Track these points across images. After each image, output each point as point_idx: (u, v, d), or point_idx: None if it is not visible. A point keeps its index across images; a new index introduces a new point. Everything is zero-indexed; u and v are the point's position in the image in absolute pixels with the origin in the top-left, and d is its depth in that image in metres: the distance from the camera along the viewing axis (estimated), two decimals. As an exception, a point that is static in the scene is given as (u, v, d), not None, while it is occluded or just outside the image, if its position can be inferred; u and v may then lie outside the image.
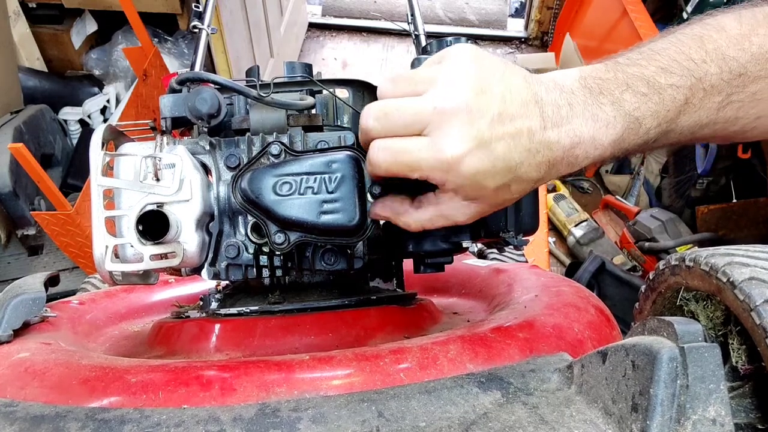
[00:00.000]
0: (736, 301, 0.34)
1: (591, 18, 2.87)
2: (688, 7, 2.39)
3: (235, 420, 0.39)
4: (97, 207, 0.48)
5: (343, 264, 0.58)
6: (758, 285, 0.33)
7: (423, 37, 1.08)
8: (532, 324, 0.54)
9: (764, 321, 0.32)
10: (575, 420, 0.37)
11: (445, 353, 0.48)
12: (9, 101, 2.41)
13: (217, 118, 0.58)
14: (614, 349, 0.37)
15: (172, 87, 0.63)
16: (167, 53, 2.72)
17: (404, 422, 0.38)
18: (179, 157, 0.51)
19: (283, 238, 0.53)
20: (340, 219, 0.53)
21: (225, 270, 0.58)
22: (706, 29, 0.50)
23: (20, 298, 0.56)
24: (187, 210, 0.52)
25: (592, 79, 0.48)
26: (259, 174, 0.53)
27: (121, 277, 0.50)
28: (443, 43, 0.70)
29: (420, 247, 0.59)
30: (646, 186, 2.64)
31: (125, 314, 0.83)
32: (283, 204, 0.52)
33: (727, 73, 0.49)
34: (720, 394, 0.32)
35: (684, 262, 0.39)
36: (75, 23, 2.84)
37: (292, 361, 0.47)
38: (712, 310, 0.38)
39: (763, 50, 0.49)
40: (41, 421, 0.40)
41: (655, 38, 0.51)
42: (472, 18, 3.99)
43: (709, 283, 0.37)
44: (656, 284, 0.43)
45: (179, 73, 0.66)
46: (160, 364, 0.48)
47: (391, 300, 0.66)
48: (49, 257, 2.41)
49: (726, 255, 0.36)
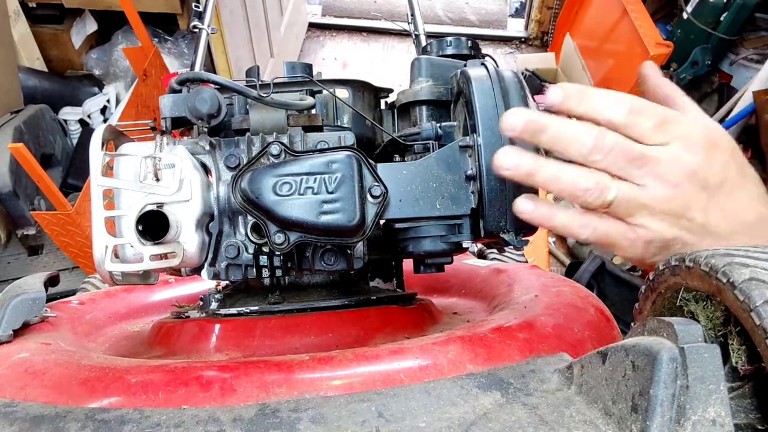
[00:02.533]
0: (736, 302, 0.34)
1: (591, 18, 2.87)
2: (688, 7, 2.39)
3: (235, 420, 0.39)
4: (97, 207, 0.48)
5: (343, 264, 0.58)
6: (758, 286, 0.33)
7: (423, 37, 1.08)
8: (532, 324, 0.54)
9: (764, 321, 0.32)
10: (575, 420, 0.37)
11: (445, 353, 0.48)
12: (9, 101, 2.41)
13: (217, 119, 0.58)
14: (614, 350, 0.37)
15: (172, 87, 0.63)
16: (167, 53, 2.72)
17: (404, 423, 0.38)
18: (179, 158, 0.51)
19: (282, 238, 0.53)
20: (340, 219, 0.53)
21: (225, 270, 0.58)
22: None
23: (20, 298, 0.56)
24: (187, 210, 0.52)
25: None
26: (259, 174, 0.53)
27: (121, 277, 0.50)
28: (443, 43, 0.71)
29: (420, 248, 0.59)
30: (646, 186, 2.63)
31: (125, 314, 0.83)
32: (283, 204, 0.52)
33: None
34: (720, 394, 0.32)
35: (684, 263, 0.39)
36: (75, 23, 2.84)
37: (292, 361, 0.48)
38: (712, 311, 0.38)
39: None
40: (41, 421, 0.40)
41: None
42: (472, 18, 3.99)
43: (709, 283, 0.37)
44: (656, 284, 0.43)
45: (179, 73, 0.66)
46: (160, 364, 0.48)
47: (391, 300, 0.66)
48: (49, 257, 2.41)
49: (726, 255, 0.36)
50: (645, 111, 0.46)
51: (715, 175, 0.46)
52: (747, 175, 0.48)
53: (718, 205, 0.46)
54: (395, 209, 0.55)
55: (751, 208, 0.47)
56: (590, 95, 0.47)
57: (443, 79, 0.66)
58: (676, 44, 2.35)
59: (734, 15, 2.25)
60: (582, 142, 0.46)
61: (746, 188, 0.47)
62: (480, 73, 0.57)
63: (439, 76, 0.66)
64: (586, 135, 0.46)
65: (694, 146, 0.46)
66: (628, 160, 0.45)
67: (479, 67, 0.58)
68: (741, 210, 0.47)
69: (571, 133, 0.46)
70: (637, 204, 0.46)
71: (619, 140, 0.46)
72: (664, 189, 0.46)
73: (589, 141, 0.46)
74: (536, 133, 0.46)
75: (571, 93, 0.47)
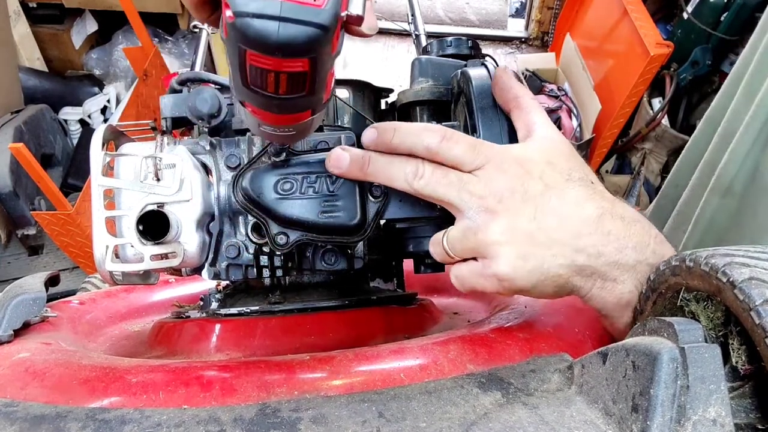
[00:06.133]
0: (736, 302, 0.34)
1: (591, 18, 2.87)
2: (688, 7, 2.38)
3: (236, 420, 0.39)
4: (97, 207, 0.48)
5: (343, 264, 0.58)
6: (758, 285, 0.33)
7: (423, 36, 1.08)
8: (533, 324, 0.54)
9: (764, 321, 0.32)
10: (575, 420, 0.37)
11: (446, 353, 0.48)
12: (9, 101, 2.41)
13: (217, 118, 0.58)
14: (614, 350, 0.37)
15: (172, 87, 0.63)
16: (167, 53, 2.72)
17: (405, 423, 0.38)
18: (180, 158, 0.51)
19: (283, 238, 0.53)
20: (341, 218, 0.53)
21: (225, 270, 0.58)
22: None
23: (20, 298, 0.56)
24: (187, 210, 0.52)
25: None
26: (260, 173, 0.53)
27: (122, 277, 0.50)
28: (444, 43, 0.70)
29: (420, 248, 0.59)
30: (646, 186, 2.64)
31: (125, 314, 0.83)
32: (284, 203, 0.52)
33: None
34: (720, 394, 0.32)
35: (684, 263, 0.39)
36: (75, 23, 2.84)
37: (293, 361, 0.48)
38: (713, 311, 0.38)
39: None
40: (41, 421, 0.40)
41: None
42: (473, 18, 3.99)
43: (709, 283, 0.37)
44: (656, 285, 0.43)
45: (179, 73, 0.66)
46: (161, 364, 0.48)
47: (392, 300, 0.66)
48: (49, 257, 2.41)
49: (726, 255, 0.36)
50: (455, 137, 0.48)
51: (535, 185, 0.47)
52: (573, 179, 0.49)
53: (549, 210, 0.47)
54: (395, 209, 0.55)
55: (588, 205, 0.48)
56: (402, 129, 0.49)
57: (444, 79, 0.66)
58: (676, 44, 2.35)
59: (734, 15, 2.25)
60: (403, 171, 0.49)
61: (576, 189, 0.48)
62: (480, 73, 0.57)
63: (440, 76, 0.66)
64: (407, 164, 0.49)
65: (506, 163, 0.48)
66: (447, 184, 0.48)
67: (480, 67, 0.58)
68: (578, 209, 0.47)
69: (394, 165, 0.50)
70: (472, 233, 0.48)
71: (437, 167, 0.49)
72: (486, 208, 0.48)
73: (409, 169, 0.49)
74: (362, 168, 0.50)
75: (384, 129, 0.50)
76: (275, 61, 0.32)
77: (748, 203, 0.58)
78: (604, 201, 0.48)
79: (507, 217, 0.47)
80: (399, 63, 3.63)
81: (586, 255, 0.47)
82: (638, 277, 0.48)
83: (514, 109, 0.52)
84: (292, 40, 0.31)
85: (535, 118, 0.51)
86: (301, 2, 0.31)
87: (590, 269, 0.48)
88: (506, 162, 0.48)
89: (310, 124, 0.43)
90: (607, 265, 0.48)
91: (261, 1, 0.30)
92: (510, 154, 0.49)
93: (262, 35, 0.31)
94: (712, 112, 0.69)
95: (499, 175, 0.47)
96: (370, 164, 0.50)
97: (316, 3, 0.31)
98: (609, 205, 0.48)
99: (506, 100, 0.53)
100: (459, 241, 0.50)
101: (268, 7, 0.30)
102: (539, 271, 0.47)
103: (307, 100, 0.37)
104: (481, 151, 0.48)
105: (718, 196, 0.61)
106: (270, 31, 0.30)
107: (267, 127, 0.43)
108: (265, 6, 0.30)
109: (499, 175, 0.47)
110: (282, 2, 0.30)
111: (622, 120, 2.61)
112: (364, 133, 0.51)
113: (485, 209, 0.47)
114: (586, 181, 0.49)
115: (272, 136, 0.45)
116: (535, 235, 0.47)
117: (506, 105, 0.53)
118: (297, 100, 0.37)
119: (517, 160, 0.48)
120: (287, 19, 0.30)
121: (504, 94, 0.53)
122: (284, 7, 0.30)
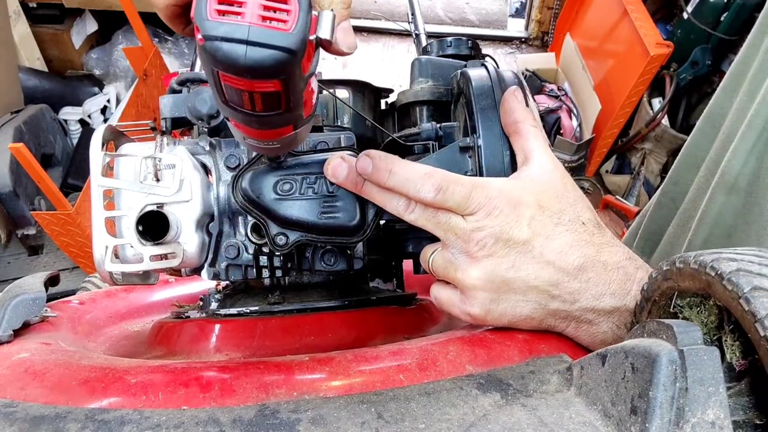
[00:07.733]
0: (725, 292, 0.34)
1: (591, 18, 2.87)
2: (688, 7, 2.38)
3: (235, 421, 0.39)
4: (97, 207, 0.48)
5: (343, 264, 0.58)
6: (746, 275, 0.34)
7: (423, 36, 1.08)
8: (532, 325, 0.54)
9: (752, 306, 0.32)
10: (574, 422, 0.37)
11: (445, 354, 0.48)
12: (9, 101, 2.41)
13: (217, 119, 0.58)
14: (614, 352, 0.38)
15: (172, 87, 0.63)
16: (167, 53, 2.73)
17: (404, 424, 0.38)
18: (179, 158, 0.51)
19: (283, 238, 0.53)
20: (340, 219, 0.53)
21: (225, 270, 0.58)
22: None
23: (20, 298, 0.56)
24: (187, 210, 0.52)
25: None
26: (259, 173, 0.53)
27: (121, 277, 0.50)
28: (444, 43, 0.71)
29: (420, 248, 0.59)
30: (646, 186, 2.64)
31: (125, 314, 0.83)
32: (283, 203, 0.52)
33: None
34: (719, 396, 0.32)
35: (675, 265, 0.40)
36: (75, 23, 2.84)
37: (292, 362, 0.48)
38: (706, 315, 0.39)
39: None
40: (41, 421, 0.40)
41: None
42: (473, 18, 3.99)
43: (699, 280, 0.37)
44: (650, 293, 0.43)
45: (179, 73, 0.66)
46: (160, 364, 0.48)
47: (391, 301, 0.66)
48: (49, 257, 2.41)
49: (714, 253, 0.37)
50: (450, 190, 0.49)
51: (521, 232, 0.48)
52: (562, 222, 0.49)
53: (531, 259, 0.48)
54: (395, 210, 0.55)
55: (572, 253, 0.49)
56: (398, 174, 0.50)
57: (443, 79, 0.66)
58: (676, 44, 2.35)
59: (734, 15, 2.25)
60: (395, 203, 0.51)
61: (562, 236, 0.49)
62: (480, 73, 0.57)
63: (440, 76, 0.66)
64: (399, 199, 0.51)
65: (497, 209, 0.48)
66: (435, 223, 0.50)
67: (479, 67, 0.58)
68: (560, 258, 0.48)
69: (386, 197, 0.51)
70: (453, 268, 0.51)
71: (426, 210, 0.50)
72: (468, 252, 0.49)
73: (401, 204, 0.51)
74: (356, 187, 0.52)
75: (379, 168, 0.50)
76: (246, 82, 0.33)
77: (754, 200, 0.58)
78: (590, 247, 0.49)
79: (486, 264, 0.49)
80: (399, 63, 3.63)
81: (561, 301, 0.49)
82: (615, 321, 0.50)
83: (514, 134, 0.53)
84: (259, 63, 0.31)
85: (533, 145, 0.52)
86: (269, 26, 0.31)
87: (564, 313, 0.50)
88: (498, 208, 0.49)
89: (294, 138, 0.43)
90: (581, 310, 0.49)
91: (229, 25, 0.30)
92: (504, 198, 0.49)
93: (231, 58, 0.31)
94: (711, 110, 0.69)
95: (488, 221, 0.48)
96: (365, 187, 0.52)
97: (284, 27, 0.31)
98: (594, 251, 0.49)
99: (507, 124, 0.54)
100: (441, 268, 0.52)
101: (236, 32, 0.30)
102: (511, 314, 0.50)
103: (285, 116, 0.37)
104: (474, 199, 0.49)
105: (724, 194, 0.61)
106: (238, 55, 0.31)
107: (251, 141, 0.43)
108: (233, 30, 0.30)
109: (488, 221, 0.48)
110: (250, 26, 0.30)
111: (622, 120, 2.61)
112: (359, 161, 0.51)
113: (467, 253, 0.49)
114: (576, 224, 0.50)
115: (258, 149, 0.46)
116: (512, 283, 0.49)
117: (507, 129, 0.54)
118: (274, 117, 0.37)
119: (510, 203, 0.49)
120: (255, 43, 0.30)
121: (506, 118, 0.54)
122: (252, 32, 0.30)
